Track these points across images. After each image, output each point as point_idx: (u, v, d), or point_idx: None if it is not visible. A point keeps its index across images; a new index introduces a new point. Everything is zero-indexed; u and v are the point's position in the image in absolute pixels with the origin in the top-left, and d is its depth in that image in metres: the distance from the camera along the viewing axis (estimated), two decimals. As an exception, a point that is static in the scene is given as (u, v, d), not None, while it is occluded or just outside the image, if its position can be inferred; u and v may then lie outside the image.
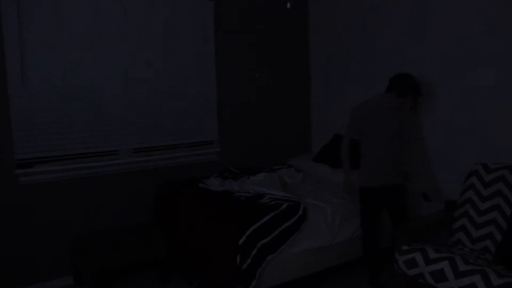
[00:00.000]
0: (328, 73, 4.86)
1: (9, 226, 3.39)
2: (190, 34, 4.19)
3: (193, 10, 4.18)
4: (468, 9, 3.45)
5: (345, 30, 4.59)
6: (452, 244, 3.06)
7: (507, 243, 2.71)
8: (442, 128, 3.70)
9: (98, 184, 3.76)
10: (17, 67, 3.35)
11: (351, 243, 3.52)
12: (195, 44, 4.23)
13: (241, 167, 4.36)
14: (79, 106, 3.65)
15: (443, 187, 3.69)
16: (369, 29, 4.31)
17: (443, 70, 3.66)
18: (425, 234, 3.18)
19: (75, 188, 3.65)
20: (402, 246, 2.77)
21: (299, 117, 5.08)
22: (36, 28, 3.41)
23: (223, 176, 4.08)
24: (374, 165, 3.44)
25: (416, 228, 3.10)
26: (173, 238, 3.58)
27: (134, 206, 3.93)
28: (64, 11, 3.52)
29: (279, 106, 4.88)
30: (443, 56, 3.65)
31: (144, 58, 3.94)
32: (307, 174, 4.33)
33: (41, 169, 3.51)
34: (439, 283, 2.50)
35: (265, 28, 4.70)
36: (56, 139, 3.57)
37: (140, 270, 3.74)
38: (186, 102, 4.22)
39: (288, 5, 4.62)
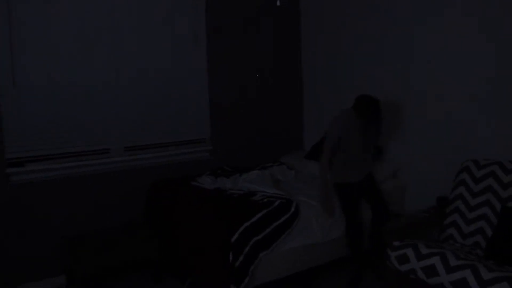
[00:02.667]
0: (320, 71, 4.87)
1: (0, 225, 3.37)
2: (182, 32, 4.18)
3: (185, 9, 4.17)
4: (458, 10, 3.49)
5: (337, 29, 4.60)
6: (444, 239, 3.09)
7: (498, 238, 2.73)
8: (434, 125, 3.73)
9: (89, 183, 3.74)
10: (8, 67, 3.33)
11: (343, 240, 3.53)
12: (187, 43, 4.22)
13: (234, 165, 4.36)
14: (70, 105, 3.63)
15: (435, 183, 3.72)
16: (362, 27, 4.32)
17: (436, 71, 3.69)
18: (417, 229, 3.20)
19: (67, 187, 3.63)
20: (394, 242, 2.79)
21: (291, 115, 5.08)
22: (26, 28, 3.39)
23: (215, 174, 4.07)
24: (351, 171, 3.55)
25: (407, 224, 3.12)
26: (165, 237, 3.57)
27: (126, 205, 3.91)
28: (54, 10, 3.50)
29: (271, 104, 4.88)
30: (438, 56, 3.67)
31: (136, 57, 3.92)
32: (299, 172, 4.34)
33: (32, 168, 3.48)
34: (430, 278, 2.51)
35: (257, 27, 4.69)
36: (47, 137, 3.54)
37: (132, 270, 3.72)
38: (178, 100, 4.21)
39: (278, 2, 4.61)
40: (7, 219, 3.39)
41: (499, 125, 3.30)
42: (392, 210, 3.86)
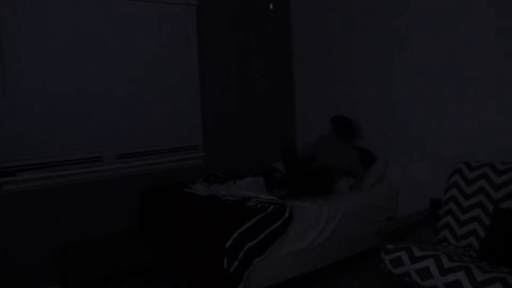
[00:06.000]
0: (312, 76, 4.89)
1: (-8, 235, 3.34)
2: (173, 39, 4.19)
3: (176, 15, 4.18)
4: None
5: (328, 33, 4.63)
6: (437, 242, 3.10)
7: (490, 239, 2.74)
8: (427, 127, 3.75)
9: (82, 191, 3.72)
10: (-2, 75, 3.33)
11: (338, 243, 3.53)
12: (179, 49, 4.23)
13: (227, 171, 4.35)
14: (62, 113, 3.62)
15: (428, 185, 3.73)
16: (353, 32, 4.35)
17: (430, 74, 3.72)
18: (410, 232, 3.21)
19: (60, 195, 3.62)
20: (387, 245, 2.79)
21: (284, 120, 5.10)
22: (17, 37, 3.38)
23: (209, 180, 4.07)
24: None
25: (401, 227, 3.12)
26: (159, 244, 3.55)
27: (119, 212, 3.90)
28: (45, 20, 3.50)
29: (263, 110, 4.89)
30: (433, 59, 3.70)
31: (127, 64, 3.92)
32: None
33: (24, 177, 3.46)
34: (424, 281, 2.52)
35: (248, 32, 4.71)
36: (39, 146, 3.53)
37: (127, 277, 3.69)
38: (170, 107, 4.21)
39: (271, 6, 4.63)
40: (0, 229, 3.36)
41: (490, 127, 3.32)
42: (386, 213, 3.88)
